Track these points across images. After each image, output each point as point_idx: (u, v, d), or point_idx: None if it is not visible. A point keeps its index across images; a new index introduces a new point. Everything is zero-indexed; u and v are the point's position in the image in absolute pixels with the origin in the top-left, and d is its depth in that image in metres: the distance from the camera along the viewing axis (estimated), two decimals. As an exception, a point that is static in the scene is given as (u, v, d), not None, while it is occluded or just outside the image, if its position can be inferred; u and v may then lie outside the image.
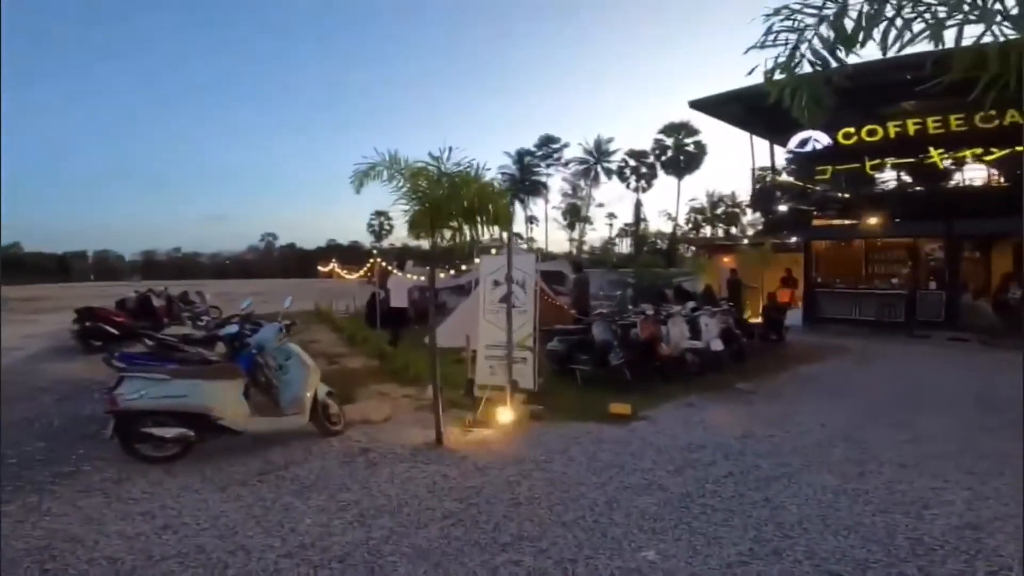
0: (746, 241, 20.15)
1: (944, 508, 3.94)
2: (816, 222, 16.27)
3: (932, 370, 8.85)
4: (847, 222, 15.91)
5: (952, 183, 14.41)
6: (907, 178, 15.33)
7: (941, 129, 13.45)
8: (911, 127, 13.87)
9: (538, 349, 7.42)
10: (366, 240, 67.94)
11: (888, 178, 15.53)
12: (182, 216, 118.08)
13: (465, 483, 4.38)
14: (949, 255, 13.93)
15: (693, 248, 27.50)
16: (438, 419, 5.40)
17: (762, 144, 17.19)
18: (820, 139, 15.32)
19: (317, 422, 5.51)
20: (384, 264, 14.83)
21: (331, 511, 3.87)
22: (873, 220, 15.60)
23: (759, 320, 14.28)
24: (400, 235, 62.04)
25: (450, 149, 5.09)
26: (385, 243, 63.56)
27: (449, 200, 5.06)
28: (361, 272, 18.65)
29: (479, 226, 5.39)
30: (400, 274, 13.50)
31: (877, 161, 14.67)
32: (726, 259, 19.80)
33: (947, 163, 14.07)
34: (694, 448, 5.15)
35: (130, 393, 4.62)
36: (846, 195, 15.37)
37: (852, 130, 14.54)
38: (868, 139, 14.41)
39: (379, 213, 63.26)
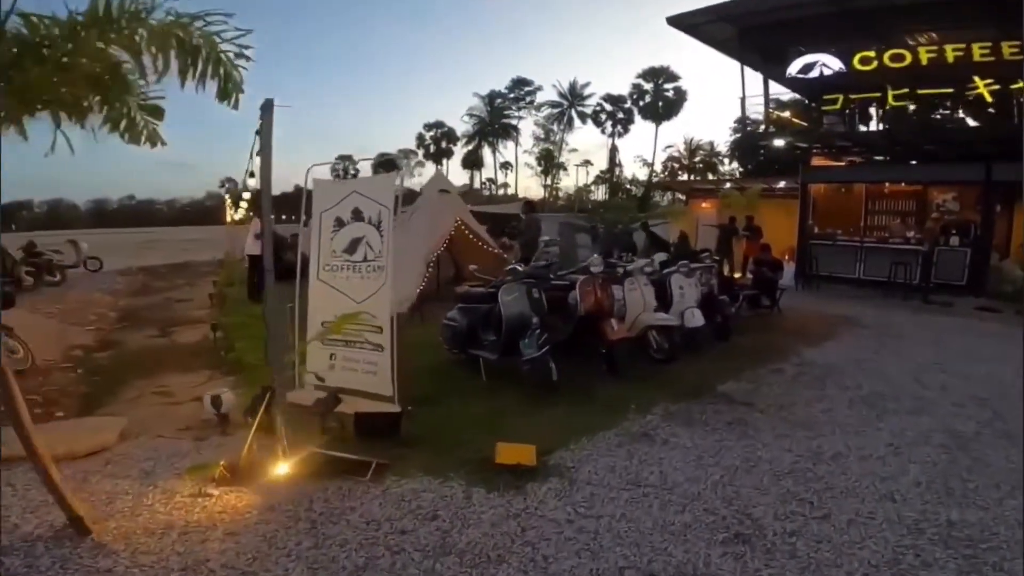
0: (729, 185, 17.27)
1: None
2: (816, 162, 13.43)
3: (991, 359, 6.19)
4: (856, 160, 13.12)
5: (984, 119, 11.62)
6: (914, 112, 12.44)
7: (991, 57, 10.50)
8: (950, 53, 10.87)
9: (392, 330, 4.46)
10: (335, 185, 64.09)
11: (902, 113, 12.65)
12: (138, 163, 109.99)
13: None
14: (984, 206, 11.26)
15: (671, 194, 24.44)
16: (56, 492, 2.47)
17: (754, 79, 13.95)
18: (830, 64, 12.28)
19: None
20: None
21: None
22: (880, 159, 12.89)
23: (740, 277, 11.65)
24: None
25: None
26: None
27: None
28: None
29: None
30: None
31: (903, 91, 11.65)
32: (705, 204, 17.03)
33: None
34: (638, 587, 2.34)
35: None
36: (862, 130, 12.42)
37: (872, 54, 11.49)
38: (892, 65, 11.38)
39: (343, 157, 60.48)
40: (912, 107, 11.78)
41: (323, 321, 4.71)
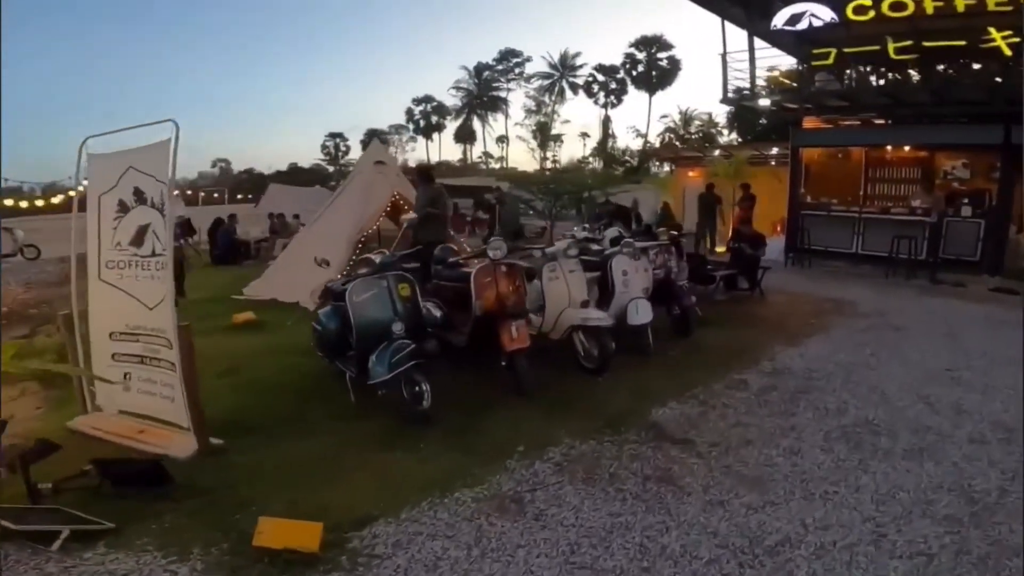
0: (717, 152, 15.80)
1: None
2: (809, 124, 11.92)
3: (1017, 361, 4.85)
4: (854, 122, 11.61)
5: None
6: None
7: (1007, 5, 8.94)
8: (960, 1, 9.29)
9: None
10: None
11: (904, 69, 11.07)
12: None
13: None
14: (1003, 172, 9.79)
15: (670, 163, 22.88)
16: None
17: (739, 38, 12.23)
18: (819, 14, 10.72)
19: None
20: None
21: None
22: (881, 122, 11.37)
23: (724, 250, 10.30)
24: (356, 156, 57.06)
25: None
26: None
27: None
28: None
29: None
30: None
31: (906, 43, 10.07)
32: (692, 173, 15.63)
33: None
34: None
35: None
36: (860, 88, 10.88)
37: (868, 3, 9.92)
38: (892, 15, 9.82)
39: (333, 135, 58.87)
40: (917, 62, 10.25)
41: (111, 332, 3.54)
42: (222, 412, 3.93)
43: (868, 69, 11.30)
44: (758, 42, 11.51)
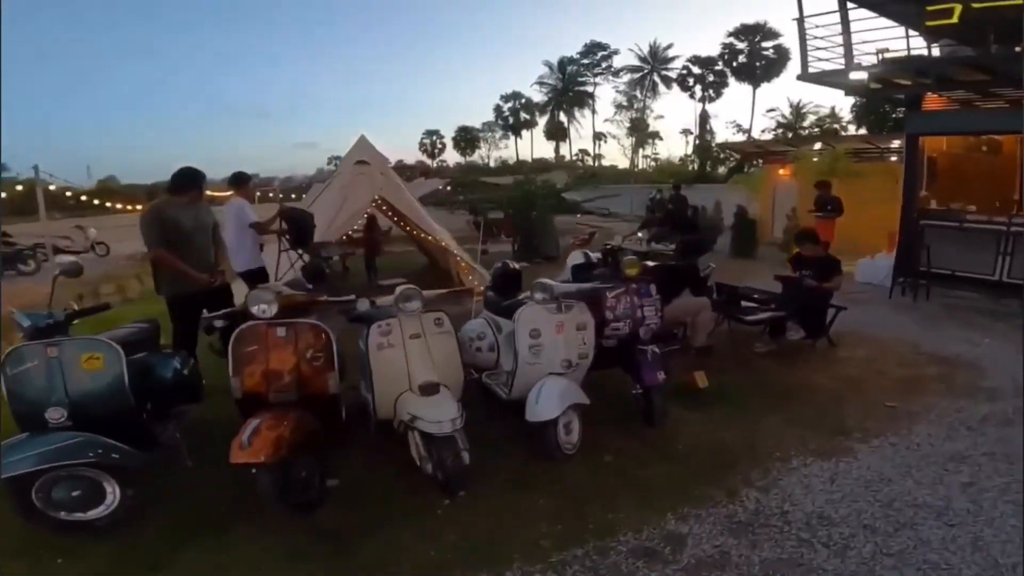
0: (819, 145, 12.74)
1: None
2: (930, 105, 8.81)
3: None
4: (1001, 104, 8.34)
5: None
6: None
7: None
8: None
9: None
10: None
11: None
12: (279, 144, 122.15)
13: None
14: None
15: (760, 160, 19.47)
16: None
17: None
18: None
19: None
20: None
21: None
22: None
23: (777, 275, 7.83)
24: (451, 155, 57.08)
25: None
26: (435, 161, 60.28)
27: None
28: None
29: None
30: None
31: None
32: (783, 170, 12.84)
33: None
34: None
35: None
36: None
37: None
38: None
39: (430, 132, 60.98)
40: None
41: None
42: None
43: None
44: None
